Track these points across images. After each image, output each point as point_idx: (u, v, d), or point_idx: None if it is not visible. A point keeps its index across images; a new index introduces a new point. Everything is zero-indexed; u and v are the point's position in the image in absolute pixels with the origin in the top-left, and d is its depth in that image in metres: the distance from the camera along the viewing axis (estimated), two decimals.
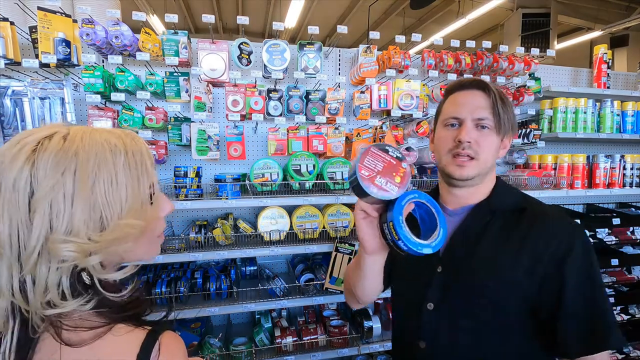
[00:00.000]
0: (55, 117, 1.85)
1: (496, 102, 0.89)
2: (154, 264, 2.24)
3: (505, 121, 0.90)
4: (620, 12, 6.65)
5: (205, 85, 2.04)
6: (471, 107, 0.91)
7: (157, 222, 0.68)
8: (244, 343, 2.17)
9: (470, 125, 0.90)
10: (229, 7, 8.01)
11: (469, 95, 0.93)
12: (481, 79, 0.95)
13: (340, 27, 2.17)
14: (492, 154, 0.92)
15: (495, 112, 0.89)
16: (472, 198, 0.97)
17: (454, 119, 0.93)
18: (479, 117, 0.90)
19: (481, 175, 0.92)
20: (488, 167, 0.92)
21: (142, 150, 0.64)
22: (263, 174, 2.05)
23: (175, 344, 0.62)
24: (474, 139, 0.89)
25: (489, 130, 0.90)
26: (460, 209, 0.98)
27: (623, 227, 2.70)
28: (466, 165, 0.90)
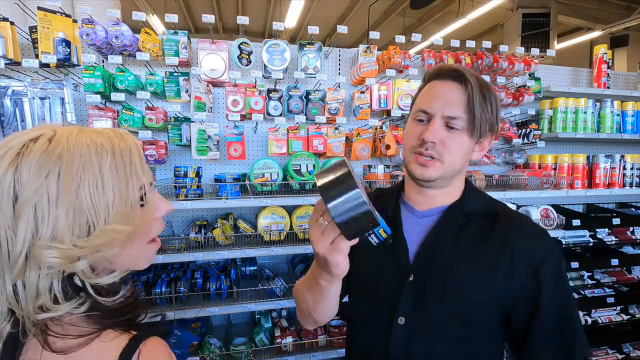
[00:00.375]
0: (55, 117, 1.85)
1: (472, 98, 0.78)
2: (154, 264, 2.24)
3: (481, 121, 0.79)
4: (620, 12, 6.65)
5: (205, 85, 2.04)
6: (443, 102, 0.80)
7: (150, 224, 0.65)
8: (244, 343, 2.17)
9: (438, 123, 0.79)
10: (229, 7, 8.01)
11: (444, 87, 0.82)
12: (461, 68, 0.81)
13: (340, 27, 2.17)
14: (461, 156, 0.82)
15: (469, 110, 0.78)
16: (443, 199, 0.88)
17: (423, 112, 0.82)
18: (449, 115, 0.79)
19: (446, 178, 0.84)
20: (456, 169, 0.83)
21: (131, 150, 0.61)
22: (263, 174, 2.05)
23: (158, 351, 0.60)
24: (439, 139, 0.79)
25: (459, 132, 0.79)
26: (430, 210, 0.89)
27: (623, 227, 2.70)
28: (428, 166, 0.81)
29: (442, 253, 0.83)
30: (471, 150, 0.83)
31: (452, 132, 0.80)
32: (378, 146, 2.33)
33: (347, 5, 7.68)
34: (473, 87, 0.78)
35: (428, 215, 0.89)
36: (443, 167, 0.81)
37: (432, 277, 0.83)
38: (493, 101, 0.81)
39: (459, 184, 0.90)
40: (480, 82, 0.80)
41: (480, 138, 0.82)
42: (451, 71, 0.82)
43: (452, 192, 0.88)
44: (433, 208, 0.89)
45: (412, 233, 0.88)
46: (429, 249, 0.85)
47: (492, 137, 0.86)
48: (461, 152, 0.81)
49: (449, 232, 0.85)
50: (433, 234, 0.86)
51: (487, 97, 0.80)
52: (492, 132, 0.85)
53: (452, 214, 0.86)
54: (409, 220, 0.91)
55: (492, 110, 0.81)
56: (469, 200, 0.88)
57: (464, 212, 0.86)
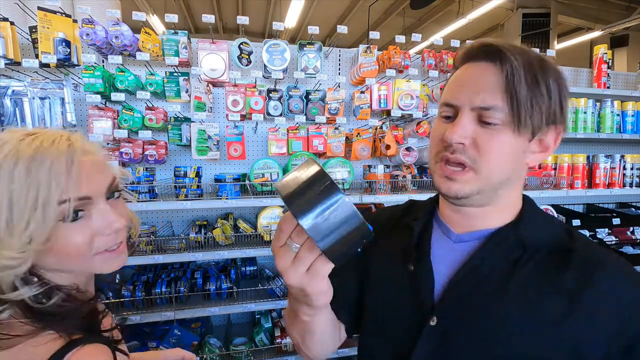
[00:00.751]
0: (55, 117, 1.85)
1: (514, 80, 0.55)
2: (154, 264, 2.24)
3: (532, 110, 0.55)
4: (620, 12, 6.66)
5: (205, 85, 2.04)
6: (471, 89, 0.58)
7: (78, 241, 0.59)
8: (244, 343, 2.17)
9: (467, 117, 0.58)
10: (229, 7, 8.01)
11: (475, 70, 0.60)
12: (498, 41, 0.59)
13: (340, 27, 2.17)
14: (506, 161, 0.58)
15: (510, 96, 0.55)
16: (490, 220, 0.64)
17: (448, 106, 0.62)
18: (481, 106, 0.57)
19: (486, 193, 0.60)
20: (499, 180, 0.59)
21: (54, 161, 0.55)
22: (263, 174, 2.05)
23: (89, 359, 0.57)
24: (470, 138, 0.58)
25: (498, 127, 0.56)
26: (471, 234, 0.66)
27: (623, 227, 2.70)
28: (456, 178, 0.59)
29: (480, 293, 0.60)
30: (522, 151, 0.59)
31: (487, 128, 0.57)
32: (378, 146, 2.33)
33: (347, 5, 7.68)
34: (515, 65, 0.55)
35: (467, 240, 0.66)
36: (478, 179, 0.58)
37: (461, 324, 0.60)
38: (551, 82, 0.57)
39: (511, 200, 0.65)
40: (529, 58, 0.57)
41: (534, 134, 0.58)
42: (483, 47, 0.60)
43: (502, 211, 0.65)
44: (474, 231, 0.66)
45: (442, 261, 0.66)
46: (463, 285, 0.61)
47: (557, 131, 0.61)
48: (504, 155, 0.58)
49: (495, 266, 0.61)
50: (471, 266, 0.62)
51: (539, 76, 0.56)
52: (556, 124, 0.60)
53: (502, 241, 0.62)
54: (441, 244, 0.69)
55: (549, 93, 0.56)
56: (530, 226, 0.63)
57: (519, 241, 0.62)
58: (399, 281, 0.69)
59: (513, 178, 0.62)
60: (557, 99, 0.58)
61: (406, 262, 0.69)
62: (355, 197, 2.13)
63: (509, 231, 0.63)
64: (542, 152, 0.62)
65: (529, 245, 0.61)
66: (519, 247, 0.61)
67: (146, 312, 1.91)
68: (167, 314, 1.92)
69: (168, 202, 1.90)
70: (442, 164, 0.61)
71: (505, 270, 0.60)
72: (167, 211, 2.31)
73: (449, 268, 0.65)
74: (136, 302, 1.94)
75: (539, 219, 0.66)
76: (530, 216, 0.65)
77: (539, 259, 0.60)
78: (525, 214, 0.65)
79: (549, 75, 0.57)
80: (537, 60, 0.58)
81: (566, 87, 0.59)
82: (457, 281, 0.63)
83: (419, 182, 2.32)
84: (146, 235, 2.02)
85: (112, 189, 0.66)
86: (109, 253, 0.64)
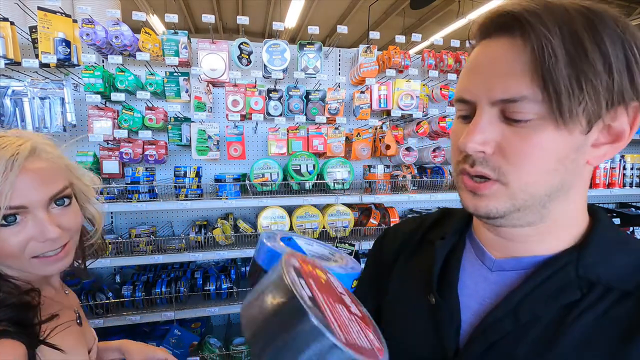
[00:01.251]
0: (55, 117, 1.85)
1: (544, 56, 0.38)
2: (154, 264, 2.24)
3: (582, 90, 0.38)
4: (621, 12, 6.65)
5: (205, 85, 2.04)
6: (489, 77, 0.42)
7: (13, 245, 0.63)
8: (244, 343, 2.17)
9: (486, 116, 0.43)
10: (229, 7, 8.01)
11: (491, 50, 0.44)
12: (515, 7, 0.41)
13: (340, 27, 2.17)
14: (550, 169, 0.42)
15: (545, 80, 0.38)
16: (541, 244, 0.49)
17: (461, 102, 0.47)
18: (503, 98, 0.41)
19: (531, 209, 0.45)
20: (546, 193, 0.44)
21: None
22: (263, 174, 2.05)
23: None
24: (492, 142, 0.43)
25: (533, 123, 0.40)
26: (513, 260, 0.50)
27: (623, 227, 2.70)
28: (483, 193, 0.45)
29: (519, 343, 0.45)
30: (575, 149, 0.42)
31: (517, 127, 0.42)
32: (378, 146, 2.33)
33: (347, 5, 7.68)
34: (544, 34, 0.38)
35: (507, 270, 0.51)
36: (509, 192, 0.44)
37: None
38: (609, 45, 0.38)
39: (571, 216, 0.48)
40: (567, 17, 0.39)
41: (591, 123, 0.40)
42: (497, 18, 0.43)
43: (558, 232, 0.48)
44: (520, 257, 0.50)
45: (473, 294, 0.52)
46: (497, 329, 0.47)
47: (635, 109, 0.42)
48: (545, 159, 0.41)
49: (542, 309, 0.45)
50: (510, 305, 0.47)
51: (587, 42, 0.38)
52: (627, 102, 0.40)
53: (556, 274, 0.46)
54: (473, 272, 0.54)
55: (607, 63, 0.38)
56: (599, 254, 0.46)
57: (581, 276, 0.45)
58: (418, 316, 0.55)
59: (567, 186, 0.44)
60: (624, 66, 0.38)
61: (427, 293, 0.55)
62: (355, 197, 2.13)
63: (569, 260, 0.46)
64: (614, 142, 0.43)
65: (595, 282, 0.44)
66: (580, 285, 0.44)
67: (146, 312, 1.91)
68: (167, 314, 1.92)
69: (168, 202, 1.90)
70: (464, 176, 0.47)
71: (555, 318, 0.44)
72: (167, 211, 2.31)
73: (481, 303, 0.51)
74: (136, 302, 1.94)
75: (612, 241, 0.47)
76: (601, 239, 0.47)
77: (607, 304, 0.43)
78: (594, 236, 0.47)
79: (605, 35, 0.38)
80: (583, 18, 0.38)
81: (635, 41, 0.39)
82: (490, 323, 0.47)
83: (419, 182, 2.32)
84: (146, 235, 2.02)
85: (58, 197, 0.68)
86: (46, 258, 0.67)
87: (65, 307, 0.77)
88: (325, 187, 2.14)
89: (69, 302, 0.81)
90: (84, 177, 0.78)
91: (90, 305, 1.84)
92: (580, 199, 0.48)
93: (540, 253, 0.48)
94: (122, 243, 1.91)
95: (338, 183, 2.13)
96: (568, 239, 0.48)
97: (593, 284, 0.44)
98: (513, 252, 0.50)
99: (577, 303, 0.44)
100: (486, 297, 0.51)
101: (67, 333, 0.71)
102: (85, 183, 0.78)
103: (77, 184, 0.75)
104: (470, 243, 0.57)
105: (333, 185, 2.13)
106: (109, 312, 1.88)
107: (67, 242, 0.70)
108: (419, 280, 0.58)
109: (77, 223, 0.73)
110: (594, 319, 0.43)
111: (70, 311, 0.78)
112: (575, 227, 0.49)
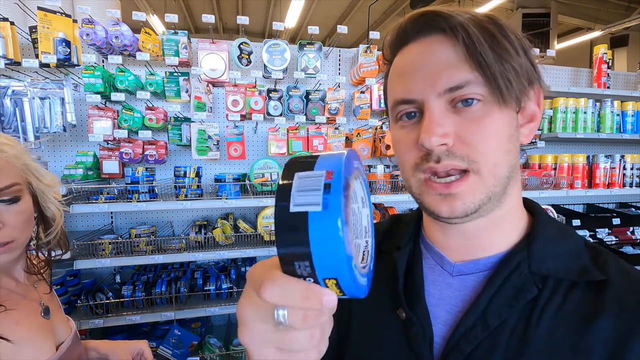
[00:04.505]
0: (55, 117, 1.85)
1: (475, 45, 0.42)
2: (154, 264, 2.24)
3: (508, 73, 0.43)
4: (620, 12, 6.66)
5: (205, 85, 2.04)
6: (430, 72, 0.44)
7: None
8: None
9: (438, 108, 0.44)
10: (229, 7, 8.01)
11: (422, 48, 0.46)
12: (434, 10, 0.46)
13: (340, 27, 2.17)
14: (504, 148, 0.45)
15: (481, 65, 0.42)
16: (493, 240, 0.50)
17: (404, 103, 0.47)
18: (451, 86, 0.43)
19: (494, 198, 0.45)
20: (508, 174, 0.46)
21: None
22: (263, 174, 2.05)
23: None
24: (452, 132, 0.44)
25: (481, 105, 0.43)
26: (472, 263, 0.51)
27: (623, 227, 2.70)
28: (457, 192, 0.44)
29: (495, 348, 0.45)
30: (515, 127, 0.46)
31: (468, 113, 0.44)
32: (378, 146, 2.33)
33: (347, 5, 7.68)
34: (467, 27, 0.43)
35: (467, 273, 0.51)
36: (483, 181, 0.44)
37: None
38: (512, 37, 0.45)
39: (515, 203, 0.50)
40: (477, 19, 0.45)
41: (520, 101, 0.46)
42: (418, 19, 0.46)
43: (506, 224, 0.50)
44: (477, 260, 0.50)
45: (439, 303, 0.51)
46: (470, 338, 0.46)
47: (537, 91, 0.48)
48: (499, 138, 0.44)
49: (508, 311, 0.45)
50: (477, 312, 0.47)
51: (497, 34, 0.44)
52: (534, 86, 0.47)
53: (512, 274, 0.47)
54: (435, 279, 0.53)
55: (515, 49, 0.44)
56: (546, 246, 0.48)
57: (534, 272, 0.46)
58: (389, 332, 0.53)
59: (517, 166, 0.48)
60: (523, 52, 0.45)
61: (396, 307, 0.53)
62: None
63: (521, 258, 0.47)
64: (530, 121, 0.49)
65: (547, 275, 0.46)
66: (535, 281, 0.46)
67: (146, 312, 1.91)
68: (167, 314, 1.92)
69: (168, 202, 1.90)
70: (430, 181, 0.45)
71: (521, 317, 0.45)
72: (167, 211, 2.31)
73: (449, 312, 0.50)
74: (136, 302, 1.94)
75: (552, 234, 0.49)
76: (545, 233, 0.49)
77: (560, 298, 0.45)
78: (538, 230, 0.49)
79: (505, 29, 0.45)
80: (485, 17, 0.46)
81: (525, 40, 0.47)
82: (463, 333, 0.46)
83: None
84: (146, 235, 2.02)
85: (3, 195, 0.72)
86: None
87: (28, 299, 0.80)
88: None
89: (34, 295, 0.84)
90: (44, 177, 0.81)
91: (90, 305, 1.84)
92: (520, 186, 0.51)
93: (493, 252, 0.50)
94: (122, 243, 1.91)
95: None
96: (516, 231, 0.50)
97: (546, 278, 0.46)
98: (470, 252, 0.51)
99: (536, 300, 0.45)
100: (453, 304, 0.50)
101: (20, 324, 0.74)
102: (45, 183, 0.81)
103: (37, 184, 0.79)
104: (425, 248, 0.56)
105: None
106: (109, 312, 1.88)
107: (10, 241, 0.73)
108: (384, 294, 0.55)
109: (18, 222, 0.75)
110: (554, 315, 0.44)
111: (33, 303, 0.81)
112: (519, 218, 0.51)
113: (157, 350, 1.92)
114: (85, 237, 1.90)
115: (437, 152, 0.44)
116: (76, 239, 1.81)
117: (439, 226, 0.52)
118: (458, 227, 0.49)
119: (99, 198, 1.83)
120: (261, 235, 2.11)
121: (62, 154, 2.12)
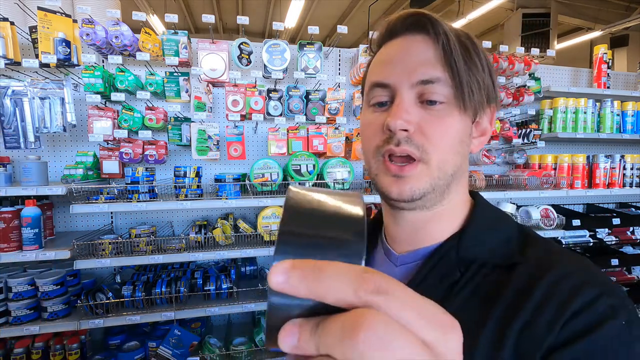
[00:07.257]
0: (55, 117, 1.85)
1: (451, 51, 0.48)
2: (154, 264, 2.24)
3: (472, 86, 0.49)
4: (620, 12, 6.66)
5: (205, 85, 2.04)
6: (407, 64, 0.49)
7: None
8: (244, 343, 2.17)
9: (408, 96, 0.49)
10: (229, 7, 8.01)
11: (406, 43, 0.51)
12: (424, 12, 0.51)
13: (340, 27, 2.17)
14: (456, 148, 0.50)
15: (451, 67, 0.48)
16: (435, 231, 0.54)
17: (379, 87, 0.51)
18: (423, 79, 0.48)
19: (438, 190, 0.50)
20: (453, 172, 0.51)
21: None
22: (263, 174, 2.05)
23: None
24: (415, 122, 0.48)
25: (444, 106, 0.49)
26: (412, 253, 0.55)
27: (623, 227, 2.70)
28: (407, 175, 0.49)
29: None
30: (468, 134, 0.52)
31: (432, 109, 0.49)
32: None
33: (347, 5, 7.68)
34: (448, 35, 0.48)
35: (408, 262, 0.55)
36: (430, 172, 0.49)
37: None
38: (482, 56, 0.51)
39: (460, 199, 0.55)
40: (457, 32, 0.51)
41: (477, 113, 0.51)
42: (408, 18, 0.51)
43: (449, 217, 0.54)
44: (417, 250, 0.55)
45: None
46: None
47: (492, 110, 0.54)
48: (454, 139, 0.49)
49: (434, 293, 0.49)
50: None
51: (471, 48, 0.50)
52: (491, 105, 0.53)
53: (440, 261, 0.52)
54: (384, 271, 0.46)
55: (482, 67, 0.50)
56: (474, 235, 0.52)
57: (460, 258, 0.51)
58: None
59: (463, 168, 0.53)
60: (488, 71, 0.51)
61: None
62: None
63: (451, 246, 0.52)
64: (481, 135, 0.55)
65: (473, 261, 0.50)
66: (458, 266, 0.50)
67: (146, 312, 1.91)
68: (167, 314, 1.92)
69: (168, 202, 1.90)
70: (387, 161, 0.50)
71: (442, 298, 0.48)
72: (167, 211, 2.31)
73: None
74: (136, 302, 1.94)
75: (487, 225, 0.53)
76: (478, 222, 0.53)
77: (480, 278, 0.48)
78: (471, 221, 0.53)
79: (478, 47, 0.51)
80: (463, 32, 0.51)
81: (491, 63, 0.53)
82: None
83: None
84: (146, 235, 2.02)
85: None
86: None
87: None
88: (325, 187, 2.14)
89: None
90: None
91: (90, 306, 1.84)
92: (466, 183, 0.56)
93: (435, 241, 0.54)
94: (122, 243, 1.91)
95: (338, 183, 2.13)
96: (456, 223, 0.54)
97: (470, 263, 0.50)
98: (413, 244, 0.55)
99: (457, 282, 0.49)
100: None
101: None
102: None
103: None
104: (381, 244, 0.62)
105: (333, 185, 2.12)
106: (109, 312, 1.88)
107: None
108: None
109: None
110: (470, 294, 0.48)
111: None
112: (461, 211, 0.55)
113: (157, 350, 1.92)
114: (85, 237, 1.90)
115: (398, 136, 0.48)
116: (76, 239, 1.81)
117: (392, 217, 0.56)
118: (406, 218, 0.54)
119: (99, 198, 1.83)
120: (261, 235, 2.11)
121: (62, 154, 2.12)
